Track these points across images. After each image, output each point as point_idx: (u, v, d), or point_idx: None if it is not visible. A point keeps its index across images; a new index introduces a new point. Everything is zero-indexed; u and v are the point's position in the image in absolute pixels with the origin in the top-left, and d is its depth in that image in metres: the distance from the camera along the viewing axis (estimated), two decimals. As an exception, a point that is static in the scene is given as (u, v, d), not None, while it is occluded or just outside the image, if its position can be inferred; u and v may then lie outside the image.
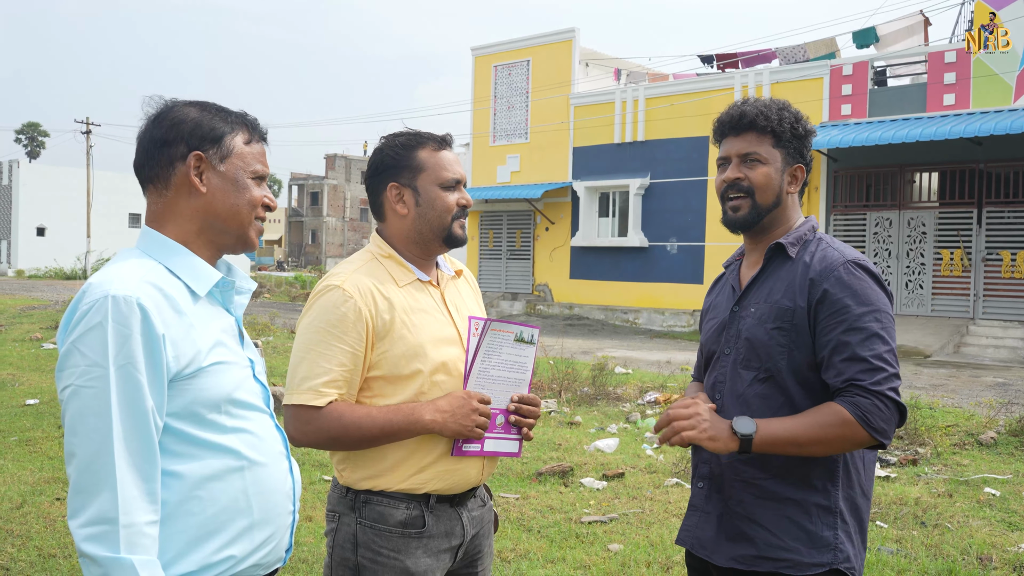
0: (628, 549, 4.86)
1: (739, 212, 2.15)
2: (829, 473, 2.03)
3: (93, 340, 1.54)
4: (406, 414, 2.10)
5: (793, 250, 2.11)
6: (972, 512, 5.59)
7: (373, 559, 2.14)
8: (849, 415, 1.92)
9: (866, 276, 2.02)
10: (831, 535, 2.02)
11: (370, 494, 2.17)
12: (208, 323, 1.70)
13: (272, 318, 18.11)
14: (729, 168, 2.17)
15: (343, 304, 2.11)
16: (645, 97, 20.94)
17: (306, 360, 2.11)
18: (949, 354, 15.38)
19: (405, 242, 2.28)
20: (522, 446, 2.33)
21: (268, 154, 1.87)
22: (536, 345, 2.33)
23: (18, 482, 6.01)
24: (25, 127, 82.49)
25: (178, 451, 1.63)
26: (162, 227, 1.75)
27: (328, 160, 70.11)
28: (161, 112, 1.76)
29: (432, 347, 2.18)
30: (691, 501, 2.22)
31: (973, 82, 16.20)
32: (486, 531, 2.36)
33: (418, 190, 2.24)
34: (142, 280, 1.61)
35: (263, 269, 55.99)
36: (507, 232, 23.90)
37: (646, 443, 7.67)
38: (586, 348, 15.33)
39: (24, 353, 13.15)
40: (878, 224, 17.86)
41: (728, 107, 2.24)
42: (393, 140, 2.29)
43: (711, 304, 2.33)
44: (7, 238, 45.67)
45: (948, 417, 8.54)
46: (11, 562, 4.53)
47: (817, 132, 2.22)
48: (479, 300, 2.48)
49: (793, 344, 2.03)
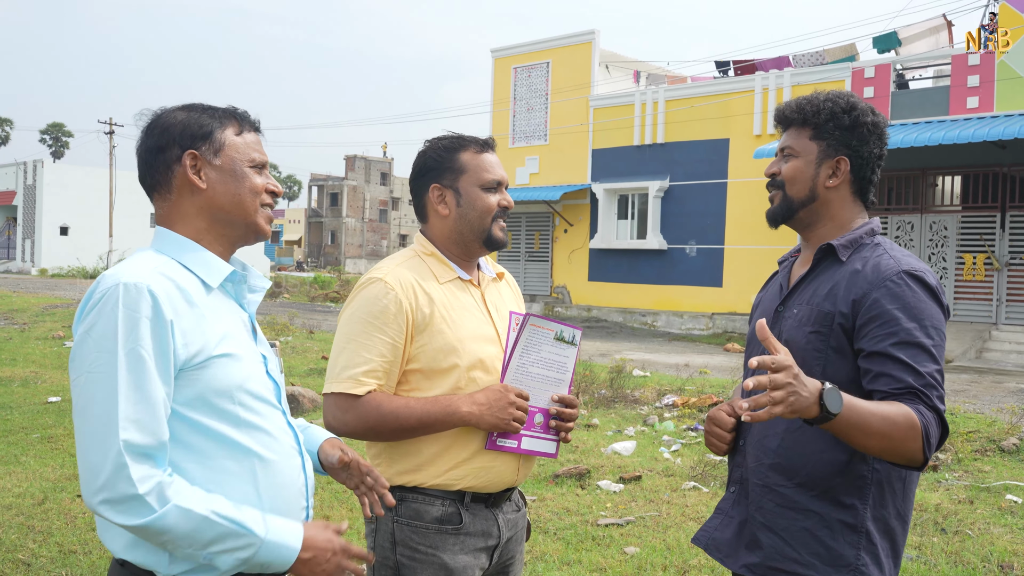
0: (644, 552, 4.84)
1: (772, 205, 2.14)
2: (858, 490, 1.94)
3: (104, 325, 1.58)
4: (443, 405, 2.13)
5: (844, 253, 2.01)
6: (993, 519, 5.54)
7: (411, 556, 2.16)
8: (917, 420, 1.78)
9: (920, 289, 1.91)
10: (853, 555, 1.92)
11: (405, 491, 2.19)
12: (220, 315, 1.73)
13: (291, 318, 18.20)
14: (771, 163, 2.16)
15: (384, 296, 2.16)
16: (665, 99, 20.90)
17: (347, 350, 2.16)
18: (971, 359, 15.24)
19: (446, 242, 2.31)
20: (559, 448, 2.33)
21: (266, 144, 1.88)
22: (578, 347, 2.33)
23: (40, 479, 6.08)
24: (50, 127, 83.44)
25: (189, 443, 1.64)
26: (173, 227, 1.78)
27: (348, 161, 70.38)
28: (151, 122, 1.80)
29: (470, 343, 2.20)
30: (719, 504, 2.18)
31: (997, 85, 16.05)
32: (519, 537, 2.37)
33: (459, 191, 2.28)
34: (154, 270, 1.65)
35: (282, 269, 56.28)
36: (526, 234, 23.91)
37: (663, 446, 7.65)
38: (604, 350, 15.31)
39: (46, 351, 13.29)
40: (900, 228, 17.72)
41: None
42: (436, 143, 2.33)
43: (760, 300, 2.25)
44: (31, 237, 46.17)
45: (969, 423, 8.46)
46: (32, 557, 4.58)
47: (882, 123, 2.07)
48: (520, 302, 2.50)
49: (830, 349, 1.95)
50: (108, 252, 41.89)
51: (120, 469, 1.52)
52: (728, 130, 19.87)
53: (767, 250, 18.66)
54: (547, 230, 23.49)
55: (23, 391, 9.73)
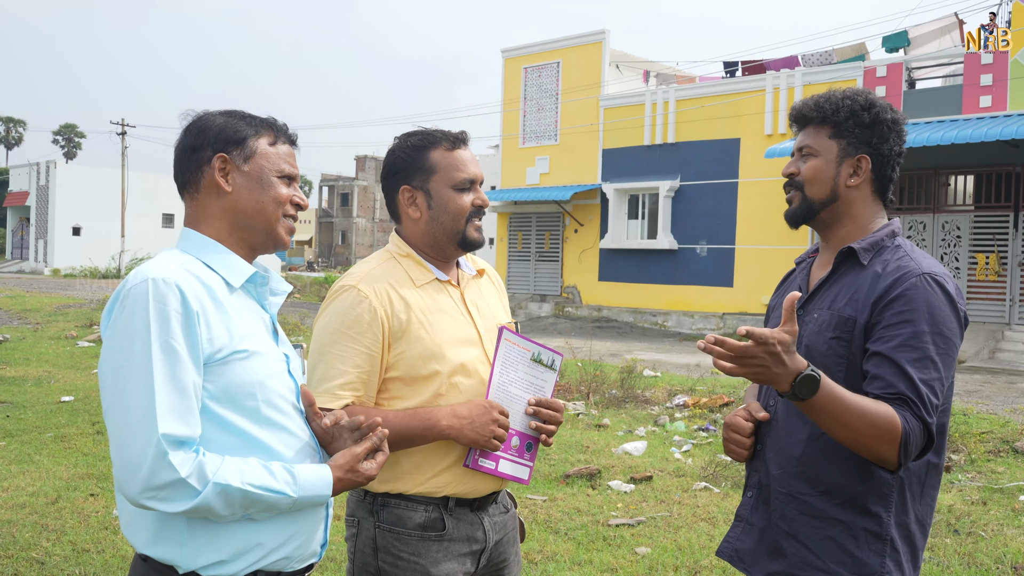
0: (655, 553, 4.84)
1: (791, 206, 2.09)
2: (883, 498, 1.92)
3: (136, 320, 1.61)
4: (423, 419, 2.07)
5: (866, 256, 1.98)
6: (1007, 520, 5.51)
7: (393, 563, 2.12)
8: (899, 427, 1.77)
9: (938, 293, 1.87)
10: (878, 563, 1.90)
11: (388, 497, 2.14)
12: (242, 314, 1.77)
13: (302, 318, 18.24)
14: (789, 163, 2.11)
15: (358, 305, 2.09)
16: (676, 99, 20.85)
17: (322, 362, 2.09)
18: (984, 360, 15.15)
19: (421, 244, 2.24)
20: (531, 473, 2.28)
21: (298, 156, 1.91)
22: (556, 372, 2.27)
23: (53, 478, 6.11)
24: (62, 128, 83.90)
25: (210, 437, 1.67)
26: (198, 227, 1.83)
27: (358, 161, 70.53)
28: (191, 122, 1.85)
29: (450, 348, 2.14)
30: (738, 511, 2.14)
31: (1011, 84, 15.95)
32: (510, 538, 2.31)
33: (430, 193, 2.19)
34: (180, 267, 1.70)
35: (293, 269, 56.42)
36: (536, 234, 23.90)
37: (674, 446, 7.64)
38: (614, 351, 15.29)
39: (59, 351, 13.36)
40: (912, 227, 17.63)
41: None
42: (405, 141, 2.23)
43: (776, 303, 2.19)
44: (44, 237, 46.42)
45: (982, 424, 8.41)
46: (46, 556, 4.60)
47: (901, 120, 2.04)
48: (503, 299, 2.43)
49: (851, 355, 1.91)
50: (120, 252, 42.09)
51: (161, 458, 1.56)
52: (739, 130, 19.81)
53: (779, 250, 18.60)
54: (557, 230, 23.47)
55: (36, 390, 9.79)
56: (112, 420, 1.61)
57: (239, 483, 1.62)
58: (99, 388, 1.66)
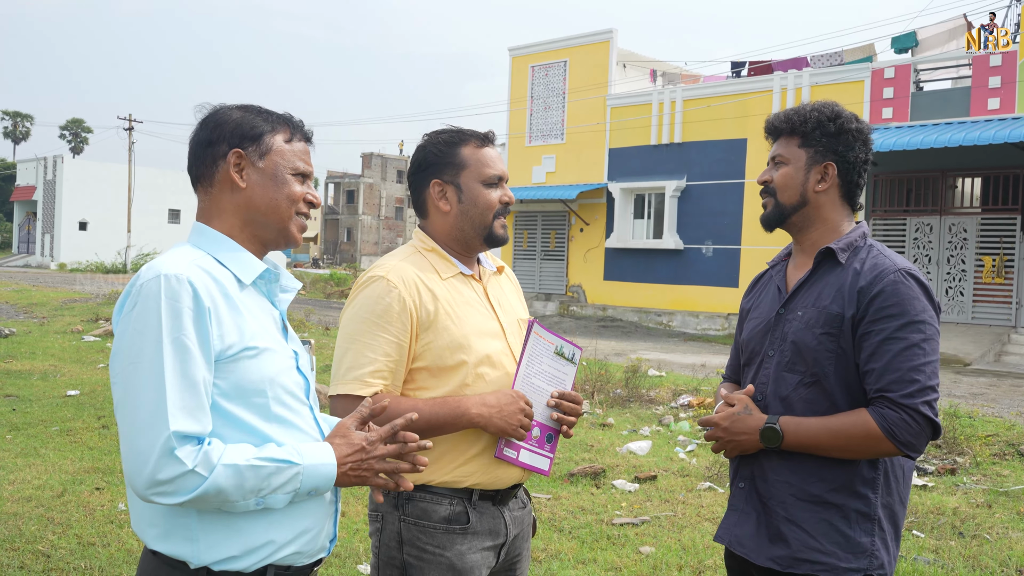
0: (660, 552, 4.84)
1: (765, 211, 2.25)
2: (871, 481, 2.06)
3: (148, 316, 1.62)
4: (452, 407, 2.10)
5: (843, 256, 2.12)
6: (1012, 524, 5.50)
7: (419, 556, 2.15)
8: (875, 427, 1.96)
9: (915, 286, 2.03)
10: (868, 541, 2.05)
11: (412, 489, 2.18)
12: (253, 310, 1.77)
13: (307, 314, 18.28)
14: (764, 171, 2.28)
15: (387, 294, 2.13)
16: (682, 99, 20.83)
17: (351, 350, 2.13)
18: (990, 363, 15.11)
19: (447, 239, 2.29)
20: (551, 465, 2.33)
21: (313, 154, 1.92)
22: (576, 365, 2.32)
23: (59, 471, 6.14)
24: (69, 123, 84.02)
25: (219, 432, 1.67)
26: (210, 222, 1.83)
27: (364, 159, 70.57)
28: (207, 116, 1.85)
29: (476, 339, 2.18)
30: (730, 502, 2.25)
31: (1019, 86, 15.91)
32: (525, 534, 2.36)
33: (461, 187, 2.25)
34: (192, 263, 1.70)
35: (299, 266, 56.48)
36: (541, 232, 23.90)
37: (679, 446, 7.64)
38: (619, 350, 15.28)
39: (65, 345, 13.40)
40: (918, 229, 17.60)
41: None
42: (436, 137, 2.30)
43: (753, 304, 2.34)
44: (50, 232, 46.56)
45: (988, 427, 8.40)
46: (52, 549, 4.62)
47: (866, 129, 2.21)
48: (520, 297, 2.49)
49: (841, 350, 2.05)
50: (126, 247, 42.22)
51: (168, 454, 1.56)
52: (746, 130, 19.79)
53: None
54: (563, 229, 23.47)
55: (42, 384, 9.82)
56: (123, 415, 1.62)
57: (244, 460, 1.62)
58: (110, 383, 1.66)
